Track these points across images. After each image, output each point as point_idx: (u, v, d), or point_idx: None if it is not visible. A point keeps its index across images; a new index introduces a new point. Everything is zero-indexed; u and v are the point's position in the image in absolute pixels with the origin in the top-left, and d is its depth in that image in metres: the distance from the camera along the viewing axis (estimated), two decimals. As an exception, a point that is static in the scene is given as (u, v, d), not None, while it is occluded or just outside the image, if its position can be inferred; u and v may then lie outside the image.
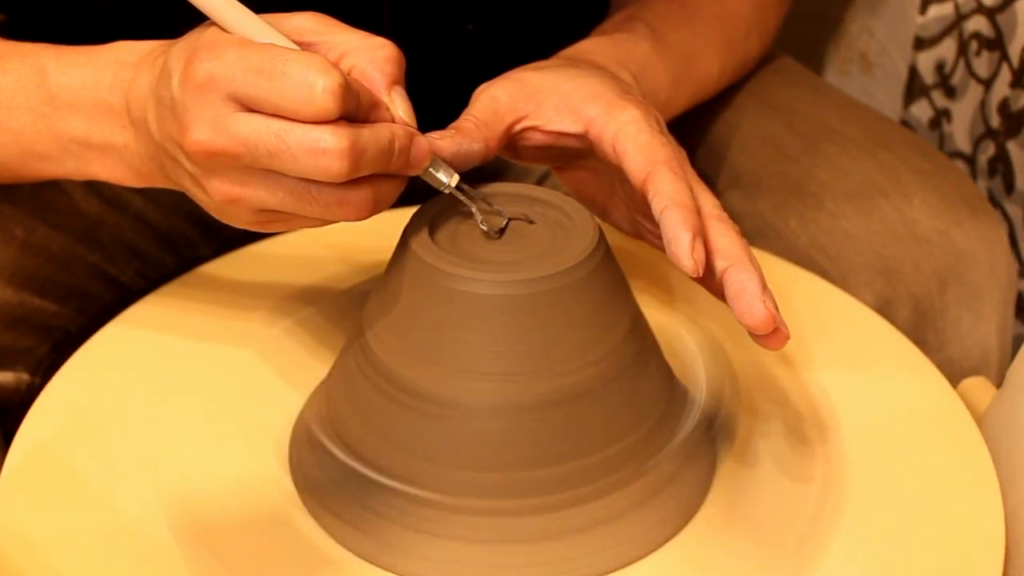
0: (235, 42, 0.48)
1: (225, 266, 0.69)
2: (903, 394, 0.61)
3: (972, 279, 0.70)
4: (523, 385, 0.49)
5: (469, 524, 0.50)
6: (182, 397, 0.59)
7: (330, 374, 0.57)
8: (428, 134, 0.52)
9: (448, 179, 0.52)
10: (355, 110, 0.48)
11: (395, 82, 0.51)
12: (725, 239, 0.51)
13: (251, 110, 0.47)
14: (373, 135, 0.48)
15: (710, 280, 0.52)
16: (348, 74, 0.48)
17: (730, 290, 0.50)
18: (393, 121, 0.50)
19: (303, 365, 0.61)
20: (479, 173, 0.55)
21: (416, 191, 0.85)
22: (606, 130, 0.54)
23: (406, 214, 0.53)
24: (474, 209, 0.52)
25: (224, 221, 0.52)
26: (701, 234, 0.50)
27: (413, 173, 0.51)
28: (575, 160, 0.60)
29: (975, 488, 0.55)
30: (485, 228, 0.52)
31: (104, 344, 0.63)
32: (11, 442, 0.56)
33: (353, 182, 0.48)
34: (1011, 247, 0.90)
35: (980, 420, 0.59)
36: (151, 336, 0.63)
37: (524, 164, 0.61)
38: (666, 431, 0.54)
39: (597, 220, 0.53)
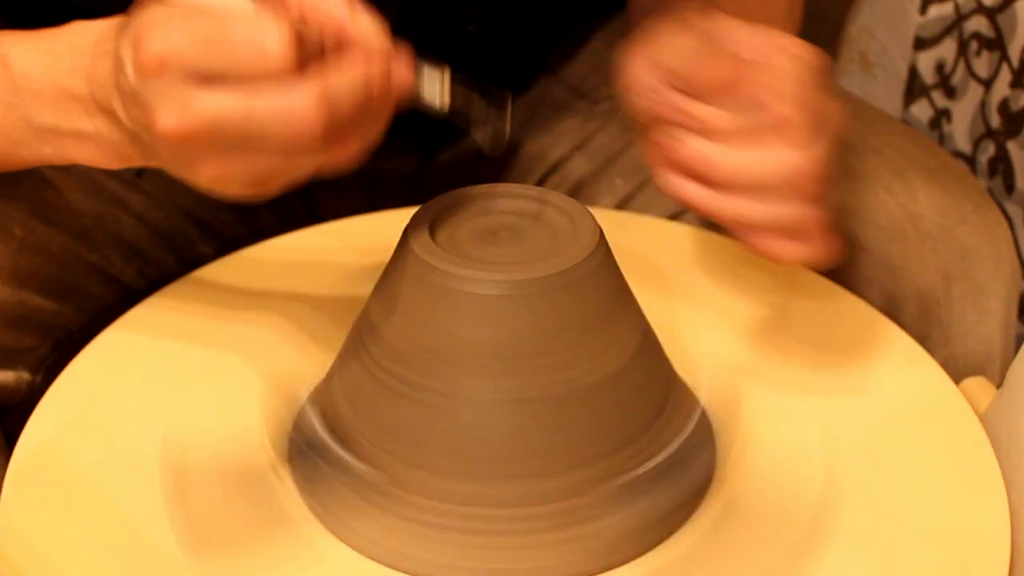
0: (177, 15, 0.46)
1: (226, 268, 0.69)
2: (906, 392, 0.61)
3: (977, 276, 0.70)
4: (523, 385, 0.49)
5: (469, 520, 0.50)
6: (184, 399, 0.59)
7: (330, 374, 0.57)
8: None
9: (441, 94, 0.49)
10: (319, 51, 0.46)
11: (352, 6, 0.48)
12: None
13: (212, 83, 0.45)
14: (344, 81, 0.46)
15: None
16: (302, 12, 0.46)
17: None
18: (364, 44, 0.47)
19: (303, 366, 0.61)
20: (481, 174, 0.55)
21: (416, 191, 0.85)
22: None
23: (406, 214, 0.53)
24: (472, 120, 0.50)
25: (219, 197, 0.50)
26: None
27: (403, 97, 0.49)
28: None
29: (979, 487, 0.55)
30: (487, 134, 0.51)
31: (107, 346, 0.63)
32: (12, 442, 0.56)
33: (333, 134, 0.46)
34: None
35: (980, 420, 0.59)
36: (153, 338, 0.63)
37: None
38: (666, 430, 0.54)
39: (597, 220, 0.53)
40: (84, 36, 0.53)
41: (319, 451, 0.54)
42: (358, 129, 0.47)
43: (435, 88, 0.50)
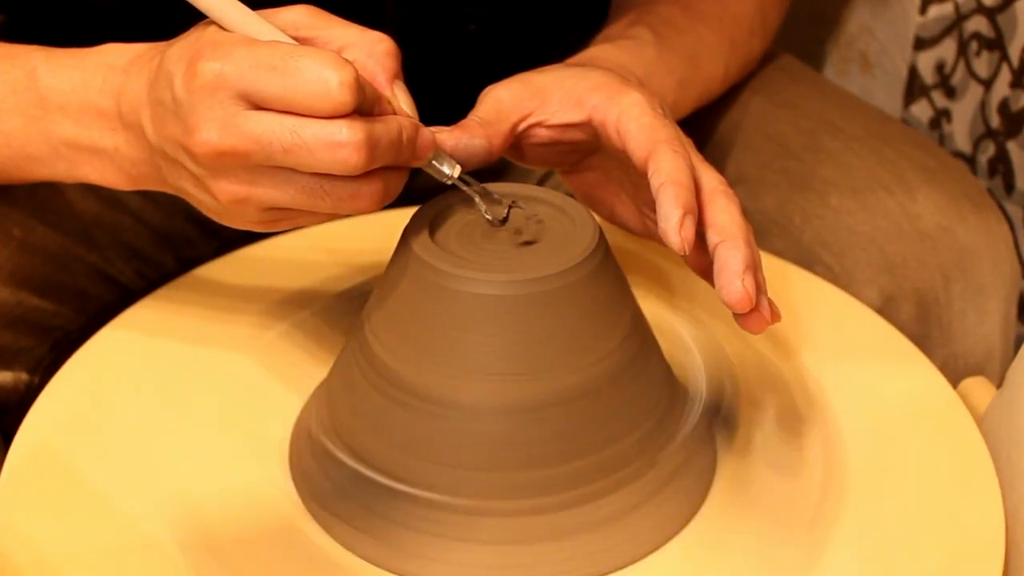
0: (241, 40, 0.48)
1: (224, 268, 0.69)
2: (903, 393, 0.61)
3: (976, 275, 0.70)
4: (524, 385, 0.49)
5: (473, 525, 0.50)
6: (181, 398, 0.59)
7: (330, 375, 0.57)
8: (431, 128, 0.52)
9: (451, 171, 0.52)
10: (363, 104, 0.48)
11: (395, 76, 0.51)
12: (724, 215, 0.51)
13: (260, 108, 0.47)
14: (385, 127, 0.48)
15: (702, 259, 0.52)
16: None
17: (716, 265, 0.50)
18: (396, 114, 0.50)
19: (303, 366, 0.61)
20: (480, 174, 0.55)
21: (416, 191, 0.85)
22: (609, 114, 0.54)
23: (406, 214, 0.53)
24: (477, 199, 0.53)
25: (225, 223, 0.52)
26: (696, 211, 0.50)
27: (419, 164, 0.51)
28: (581, 161, 0.60)
29: (975, 488, 0.55)
30: (489, 217, 0.52)
31: (103, 345, 0.63)
32: (10, 442, 0.56)
33: (365, 174, 0.48)
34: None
35: (980, 420, 0.59)
36: (150, 338, 0.63)
37: (530, 167, 0.61)
38: (667, 430, 0.53)
39: (597, 220, 0.53)
40: (118, 56, 0.54)
41: (312, 445, 0.54)
42: (383, 175, 0.49)
43: (447, 168, 0.53)
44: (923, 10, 0.93)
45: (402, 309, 0.51)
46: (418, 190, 0.84)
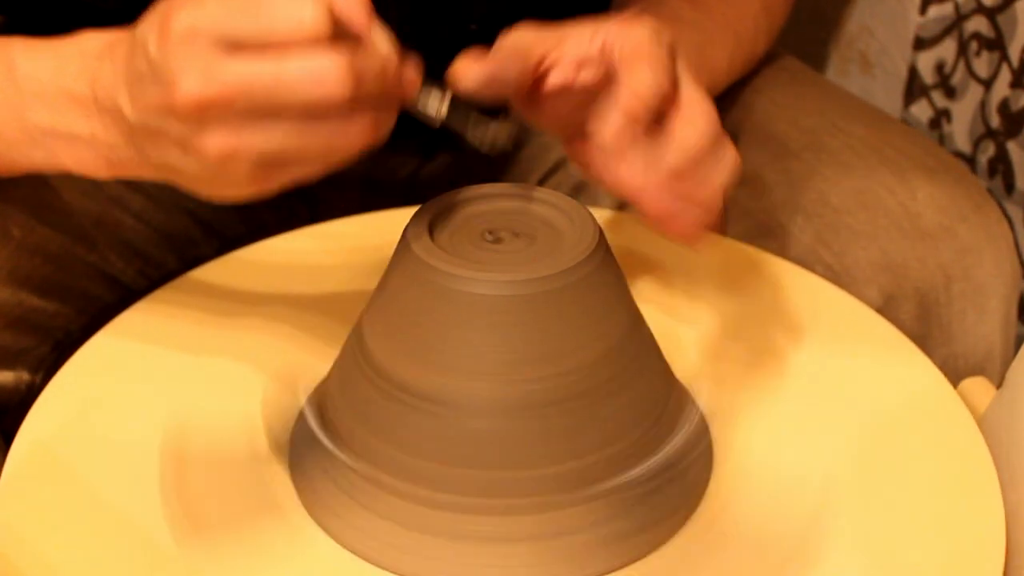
0: None
1: (225, 268, 0.69)
2: (903, 393, 0.61)
3: (977, 275, 0.70)
4: (522, 385, 0.49)
5: (469, 523, 0.50)
6: (181, 398, 0.59)
7: (329, 375, 0.57)
8: (462, 61, 0.52)
9: (436, 112, 0.51)
10: (342, 38, 0.47)
11: (372, 15, 0.49)
12: (689, 127, 0.51)
13: (237, 53, 0.46)
14: (367, 58, 0.47)
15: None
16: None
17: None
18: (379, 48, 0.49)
19: (303, 366, 0.61)
20: (481, 174, 0.55)
21: (416, 191, 0.85)
22: (618, 42, 0.53)
23: (406, 214, 0.53)
24: (468, 133, 0.51)
25: (216, 193, 0.50)
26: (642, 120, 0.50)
27: (407, 101, 0.50)
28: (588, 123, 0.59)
29: (975, 488, 0.55)
30: (487, 147, 0.51)
31: (104, 345, 0.63)
32: (11, 442, 0.57)
33: (354, 110, 0.47)
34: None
35: (980, 420, 0.59)
36: (150, 338, 0.63)
37: (542, 130, 0.60)
38: (665, 431, 0.54)
39: (597, 220, 0.53)
40: (93, 43, 0.54)
41: (311, 445, 0.54)
42: (373, 112, 0.48)
43: (435, 102, 0.51)
44: (923, 10, 0.93)
45: (401, 309, 0.51)
46: (418, 191, 0.84)
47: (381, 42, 0.49)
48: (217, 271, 0.68)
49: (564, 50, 0.54)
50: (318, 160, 0.49)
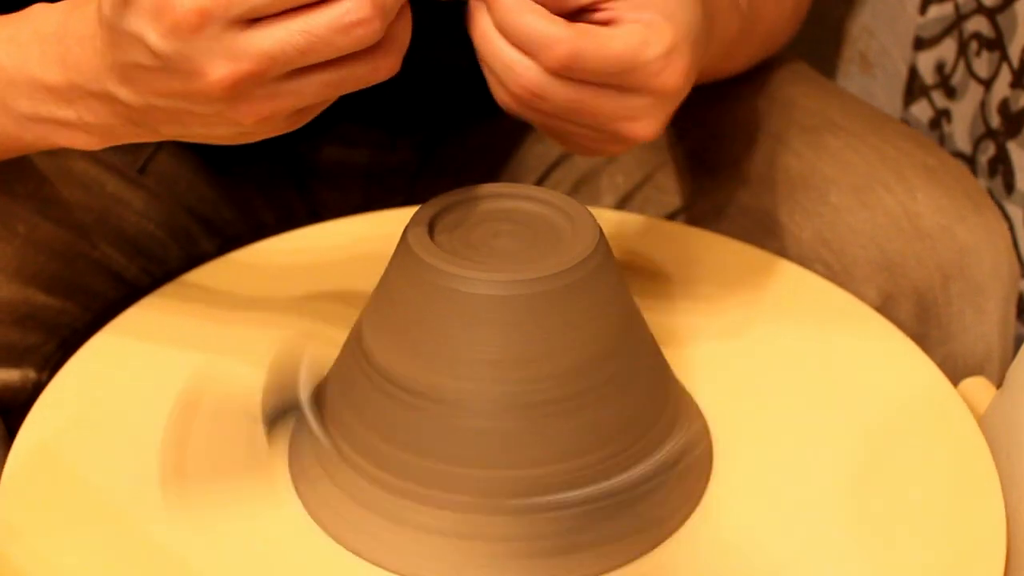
0: None
1: (227, 267, 0.69)
2: (903, 393, 0.61)
3: (975, 274, 0.70)
4: (522, 385, 0.49)
5: (469, 522, 0.50)
6: (183, 397, 0.59)
7: (329, 374, 0.57)
8: None
9: None
10: None
11: None
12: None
13: (255, 23, 0.45)
14: None
15: None
16: None
17: None
18: None
19: (303, 365, 0.61)
20: (480, 172, 0.55)
21: (416, 189, 0.85)
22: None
23: (406, 214, 0.53)
24: None
25: (248, 141, 0.50)
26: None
27: None
28: None
29: (976, 488, 0.55)
30: None
31: (105, 344, 0.63)
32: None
33: (379, 41, 0.47)
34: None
35: (980, 420, 0.59)
36: (152, 336, 0.63)
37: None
38: (664, 431, 0.54)
39: (597, 220, 0.53)
40: (46, 23, 0.52)
41: (311, 444, 0.54)
42: (396, 31, 0.48)
43: None
44: (923, 10, 0.93)
45: (401, 308, 0.51)
46: (418, 189, 0.84)
47: None
48: (219, 270, 0.68)
49: None
50: (351, 90, 0.48)
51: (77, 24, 0.51)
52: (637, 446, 0.52)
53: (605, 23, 0.50)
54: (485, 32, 0.50)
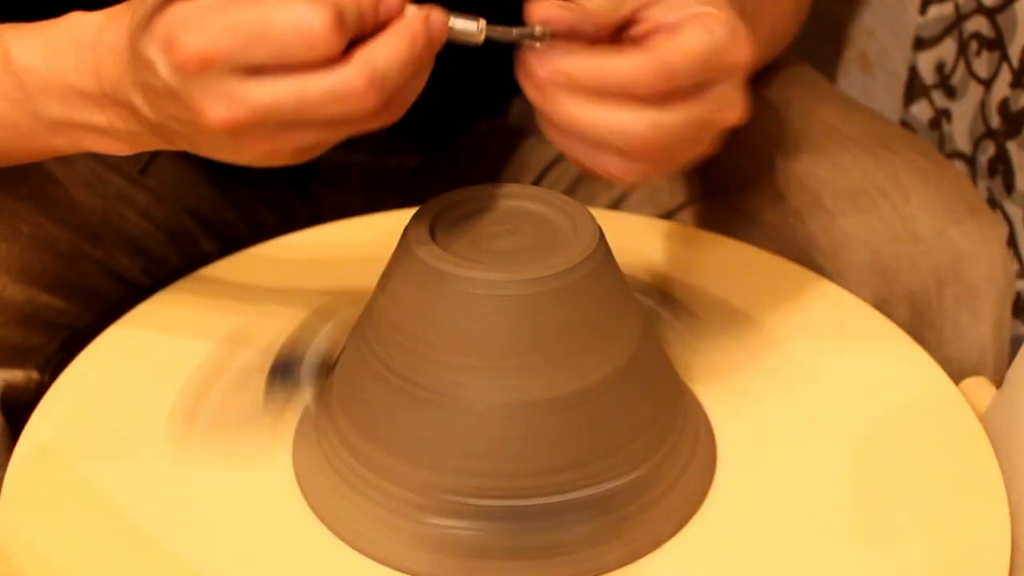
0: (209, 9, 0.45)
1: (229, 267, 0.69)
2: (904, 391, 0.61)
3: (969, 278, 0.70)
4: (522, 385, 0.49)
5: (465, 519, 0.50)
6: (186, 397, 0.59)
7: (331, 373, 0.57)
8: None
9: (476, 27, 0.49)
10: (358, 22, 0.46)
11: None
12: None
13: (256, 74, 0.46)
14: (388, 52, 0.46)
15: None
16: None
17: None
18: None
19: (304, 364, 0.61)
20: (480, 172, 0.55)
21: (416, 190, 0.85)
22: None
23: (406, 214, 0.53)
24: (513, 37, 0.50)
25: (261, 166, 0.51)
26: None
27: (439, 48, 0.49)
28: None
29: (978, 487, 0.55)
30: (528, 36, 0.49)
31: (108, 345, 0.63)
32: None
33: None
34: (1011, 247, 0.90)
35: (980, 420, 0.59)
36: (155, 337, 0.63)
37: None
38: (666, 430, 0.54)
39: (597, 220, 0.53)
40: (83, 32, 0.53)
41: (313, 443, 0.54)
42: (404, 92, 0.48)
43: (470, 27, 0.49)
44: (923, 10, 0.93)
45: (402, 309, 0.51)
46: (418, 190, 0.84)
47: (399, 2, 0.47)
48: (220, 271, 0.69)
49: (660, 11, 0.50)
50: (351, 135, 0.49)
51: (112, 36, 0.51)
52: (638, 444, 0.52)
53: (646, 34, 0.50)
54: (570, 114, 0.49)
